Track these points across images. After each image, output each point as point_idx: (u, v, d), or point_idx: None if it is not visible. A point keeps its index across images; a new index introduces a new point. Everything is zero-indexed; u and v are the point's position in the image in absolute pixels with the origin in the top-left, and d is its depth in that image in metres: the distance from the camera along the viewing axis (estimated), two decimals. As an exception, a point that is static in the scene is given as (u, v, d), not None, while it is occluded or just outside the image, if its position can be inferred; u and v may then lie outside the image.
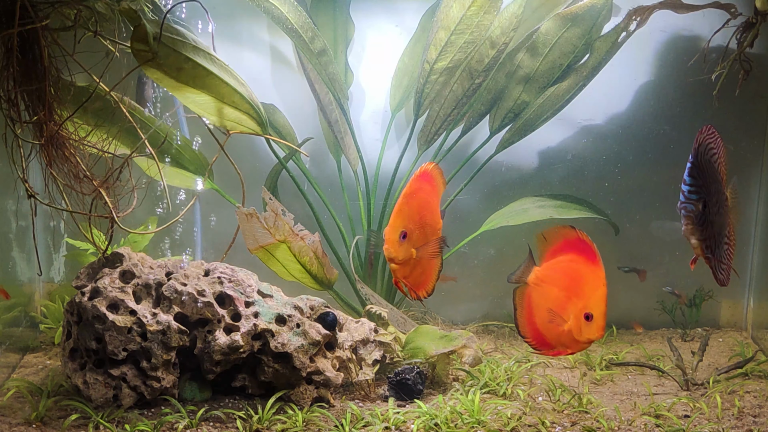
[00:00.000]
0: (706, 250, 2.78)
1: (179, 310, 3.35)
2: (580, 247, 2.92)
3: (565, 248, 2.96)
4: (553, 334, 2.92)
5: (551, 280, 2.95)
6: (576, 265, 2.90)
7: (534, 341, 3.01)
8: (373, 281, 4.39)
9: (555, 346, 2.96)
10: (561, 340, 2.90)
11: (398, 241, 3.03)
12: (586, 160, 4.59)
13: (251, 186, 4.10)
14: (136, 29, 3.15)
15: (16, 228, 3.96)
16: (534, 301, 3.00)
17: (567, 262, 2.93)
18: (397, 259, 3.04)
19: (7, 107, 3.22)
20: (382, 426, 3.16)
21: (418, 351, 3.68)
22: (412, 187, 3.11)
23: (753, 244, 4.55)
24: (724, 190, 2.88)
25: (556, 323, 2.88)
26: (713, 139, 2.80)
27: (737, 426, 3.23)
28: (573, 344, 2.89)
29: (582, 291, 2.84)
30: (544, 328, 2.96)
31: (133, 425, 3.10)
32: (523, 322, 3.03)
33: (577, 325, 2.81)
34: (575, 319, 2.81)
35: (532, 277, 3.01)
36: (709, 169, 2.75)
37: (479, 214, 4.47)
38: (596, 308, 2.79)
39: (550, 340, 2.95)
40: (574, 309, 2.82)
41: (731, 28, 3.93)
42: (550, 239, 3.00)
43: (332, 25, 4.32)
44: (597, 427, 3.19)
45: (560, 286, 2.91)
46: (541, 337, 2.99)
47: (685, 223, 2.72)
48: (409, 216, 3.06)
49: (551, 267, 2.98)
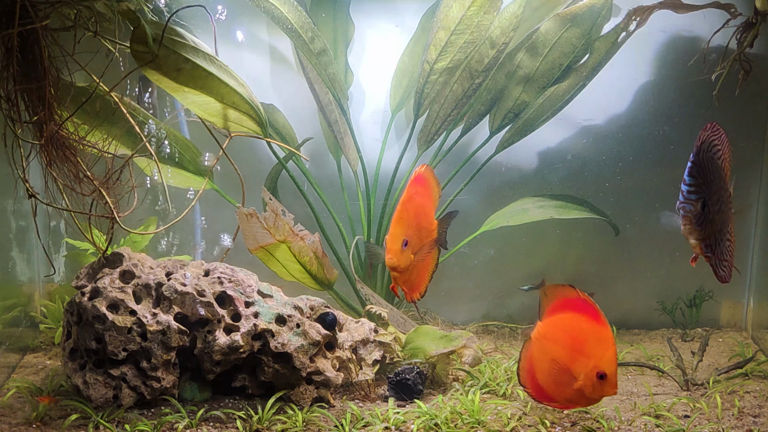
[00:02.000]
0: (706, 249, 2.79)
1: (179, 310, 3.35)
2: (580, 306, 2.93)
3: (565, 306, 2.98)
4: (558, 390, 2.94)
5: (554, 337, 2.97)
6: (579, 323, 2.91)
7: (536, 394, 3.04)
8: (373, 281, 4.39)
9: (558, 400, 2.98)
10: (568, 396, 2.92)
11: (400, 250, 3.04)
12: (586, 160, 4.58)
13: (251, 186, 4.10)
14: (135, 30, 3.15)
15: (16, 228, 3.96)
16: (535, 356, 3.02)
17: (569, 320, 2.95)
18: (399, 268, 3.05)
19: (7, 107, 3.22)
20: (382, 426, 3.16)
21: (418, 351, 3.68)
22: (408, 193, 3.13)
23: (753, 244, 4.55)
24: (728, 186, 2.87)
25: (564, 381, 2.89)
26: (717, 136, 2.79)
27: (737, 426, 3.23)
28: (583, 400, 2.92)
29: (590, 350, 2.86)
30: (546, 383, 2.98)
31: (133, 425, 3.10)
32: (524, 374, 3.06)
33: (590, 384, 2.84)
34: (587, 378, 2.84)
35: (535, 332, 3.05)
36: (711, 167, 2.75)
37: (479, 214, 4.47)
38: (609, 368, 2.82)
39: (554, 395, 2.97)
40: (584, 368, 2.84)
41: (731, 28, 3.93)
42: (550, 295, 3.03)
43: (332, 25, 4.33)
44: (597, 427, 3.19)
45: (563, 343, 2.93)
46: (542, 391, 3.01)
47: (683, 223, 2.73)
48: (408, 223, 3.09)
49: (553, 323, 3.01)
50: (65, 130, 3.37)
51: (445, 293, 4.73)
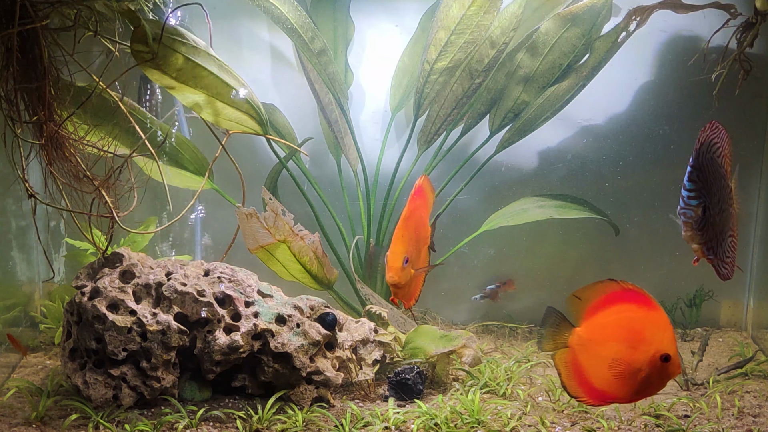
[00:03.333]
0: (708, 251, 2.79)
1: (179, 309, 3.35)
2: (626, 296, 2.84)
3: (607, 302, 2.87)
4: (622, 387, 2.83)
5: (605, 336, 2.86)
6: (631, 314, 2.83)
7: (592, 399, 2.91)
8: (373, 281, 4.39)
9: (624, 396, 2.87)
10: (634, 389, 2.82)
11: (402, 267, 3.06)
12: (586, 160, 4.59)
13: (251, 186, 4.10)
14: (135, 30, 3.15)
15: (16, 228, 3.96)
16: (584, 362, 2.89)
17: (618, 314, 2.85)
18: (400, 285, 3.06)
19: (7, 107, 3.22)
20: (382, 426, 3.16)
21: (418, 351, 3.68)
22: (409, 209, 3.14)
23: (753, 244, 4.55)
24: (729, 182, 2.87)
25: (627, 375, 2.80)
26: (716, 134, 2.79)
27: (737, 426, 3.23)
28: (651, 388, 2.84)
29: (648, 336, 2.78)
30: (606, 384, 2.86)
31: (133, 425, 3.10)
32: (574, 385, 2.91)
33: (656, 369, 2.75)
34: (651, 365, 2.76)
35: (575, 340, 2.89)
36: (711, 169, 2.74)
37: (479, 214, 4.47)
38: (671, 348, 2.75)
39: (618, 393, 2.86)
40: (646, 356, 2.76)
41: (731, 28, 3.93)
42: (586, 297, 2.90)
43: (332, 25, 4.33)
44: (597, 427, 3.19)
45: (619, 338, 2.82)
46: (602, 394, 2.88)
47: (684, 229, 2.72)
48: (409, 239, 3.11)
49: (599, 323, 2.87)
50: (65, 129, 3.37)
51: (445, 293, 4.73)
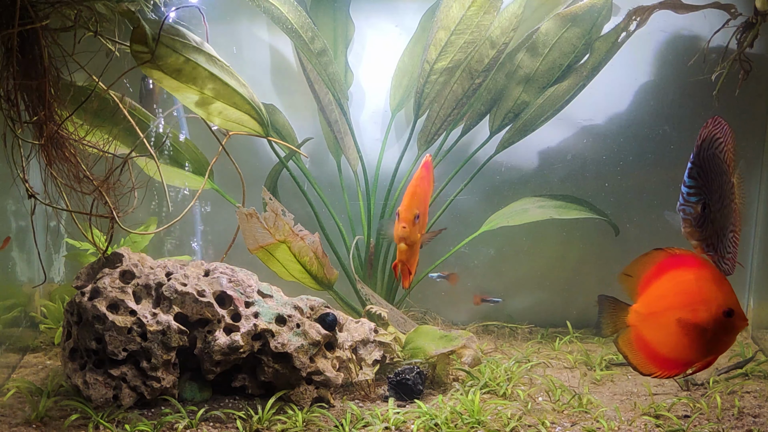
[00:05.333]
0: (708, 248, 2.78)
1: (179, 310, 3.35)
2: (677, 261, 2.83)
3: (659, 272, 2.86)
4: (693, 351, 2.81)
5: (665, 306, 2.83)
6: (684, 277, 2.81)
7: (668, 371, 2.89)
8: (373, 281, 4.39)
9: (697, 360, 2.84)
10: (706, 351, 2.80)
11: (413, 221, 3.07)
12: (586, 160, 4.59)
13: (251, 186, 4.10)
14: (135, 30, 3.15)
15: (16, 228, 3.96)
16: (648, 337, 2.87)
17: (672, 281, 2.83)
18: (409, 240, 3.06)
19: (7, 107, 3.22)
20: (382, 426, 3.16)
21: (418, 351, 3.68)
22: (421, 173, 3.20)
23: (753, 244, 4.55)
24: (731, 178, 2.86)
25: (695, 337, 2.78)
26: (719, 129, 2.78)
27: (737, 426, 3.23)
28: (721, 346, 2.81)
29: (707, 295, 2.76)
30: (677, 352, 2.84)
31: (133, 425, 3.10)
32: (644, 362, 2.90)
33: (721, 326, 2.73)
34: (716, 322, 2.73)
35: (634, 317, 2.88)
36: (713, 164, 2.73)
37: (479, 214, 4.47)
38: (731, 301, 2.73)
39: (690, 359, 2.83)
40: (709, 314, 2.74)
41: (731, 28, 3.93)
42: (635, 272, 2.90)
43: (332, 25, 4.33)
44: (597, 428, 3.19)
45: (678, 305, 2.80)
46: (675, 363, 2.86)
47: (684, 226, 2.72)
48: (420, 200, 3.14)
49: (656, 295, 2.86)
50: (65, 130, 3.37)
51: (445, 293, 4.73)
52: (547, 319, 4.72)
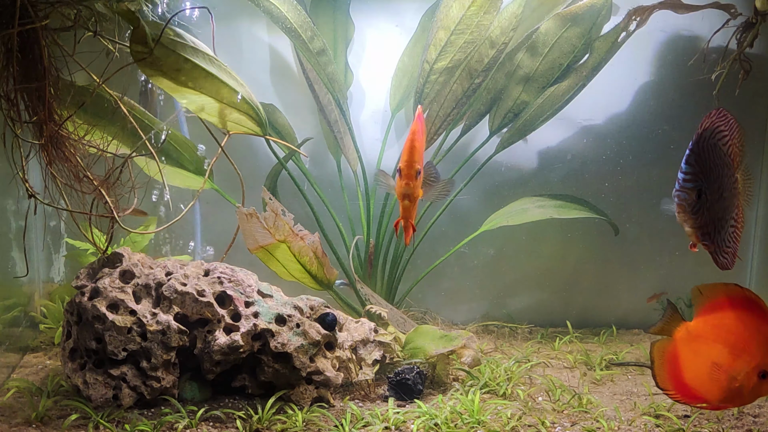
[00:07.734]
0: (703, 237, 2.77)
1: (179, 310, 3.35)
2: (745, 304, 2.79)
3: (726, 305, 2.83)
4: (712, 390, 2.80)
5: (712, 337, 2.82)
6: (743, 322, 2.78)
7: (680, 395, 2.87)
8: (373, 281, 4.39)
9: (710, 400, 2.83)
10: (723, 396, 2.78)
11: (415, 177, 3.02)
12: (586, 160, 4.59)
13: (251, 186, 4.10)
14: (134, 31, 3.15)
15: (16, 228, 3.96)
16: (683, 357, 2.86)
17: (732, 319, 2.80)
18: (412, 196, 3.02)
19: (7, 107, 3.22)
20: (382, 426, 3.16)
21: (418, 351, 3.68)
22: (416, 126, 3.12)
23: (753, 244, 4.55)
24: (735, 172, 2.85)
25: (720, 380, 2.76)
26: (724, 122, 2.77)
27: (737, 426, 3.23)
28: (738, 400, 2.80)
29: (754, 349, 2.74)
30: (698, 384, 2.83)
31: (133, 425, 3.10)
32: (665, 376, 2.88)
33: (751, 383, 2.72)
34: (748, 377, 2.72)
35: (682, 332, 2.86)
36: (712, 154, 2.73)
37: (479, 214, 4.47)
38: None
39: (706, 395, 2.83)
40: (745, 367, 2.73)
41: (731, 28, 3.93)
42: (707, 294, 2.86)
43: (332, 25, 4.33)
44: (597, 427, 3.19)
45: (725, 342, 2.78)
46: (689, 391, 2.85)
47: (678, 211, 2.71)
48: (419, 153, 3.08)
49: (711, 323, 2.83)
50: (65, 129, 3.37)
51: (445, 293, 4.73)
52: (547, 319, 4.73)
